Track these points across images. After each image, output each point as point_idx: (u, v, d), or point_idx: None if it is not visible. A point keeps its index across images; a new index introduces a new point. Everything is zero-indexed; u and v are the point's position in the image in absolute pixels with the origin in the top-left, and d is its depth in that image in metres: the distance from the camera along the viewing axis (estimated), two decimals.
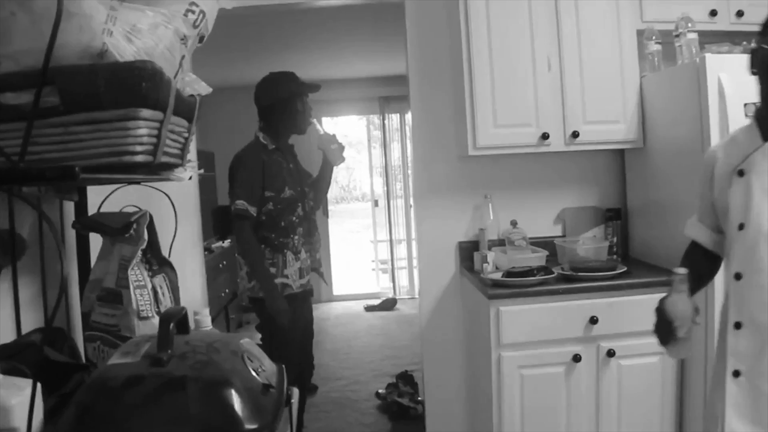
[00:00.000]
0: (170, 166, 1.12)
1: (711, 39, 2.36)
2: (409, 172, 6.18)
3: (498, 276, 2.39)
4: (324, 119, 6.59)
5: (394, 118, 6.68)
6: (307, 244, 2.68)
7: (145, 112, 0.93)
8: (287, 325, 2.48)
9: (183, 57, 1.06)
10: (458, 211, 2.85)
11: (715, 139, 2.07)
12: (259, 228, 2.52)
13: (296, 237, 2.60)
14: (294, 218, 2.59)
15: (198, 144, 2.26)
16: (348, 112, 7.11)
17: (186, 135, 1.13)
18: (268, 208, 2.52)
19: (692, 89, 2.15)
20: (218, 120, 5.42)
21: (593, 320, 2.25)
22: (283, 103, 2.60)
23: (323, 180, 2.87)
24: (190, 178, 1.25)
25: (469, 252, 2.79)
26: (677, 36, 2.37)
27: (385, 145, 6.66)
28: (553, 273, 2.36)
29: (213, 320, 1.19)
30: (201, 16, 1.07)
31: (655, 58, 2.50)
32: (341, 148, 2.77)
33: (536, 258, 2.54)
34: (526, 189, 2.87)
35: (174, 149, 1.08)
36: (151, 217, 1.31)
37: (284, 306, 2.48)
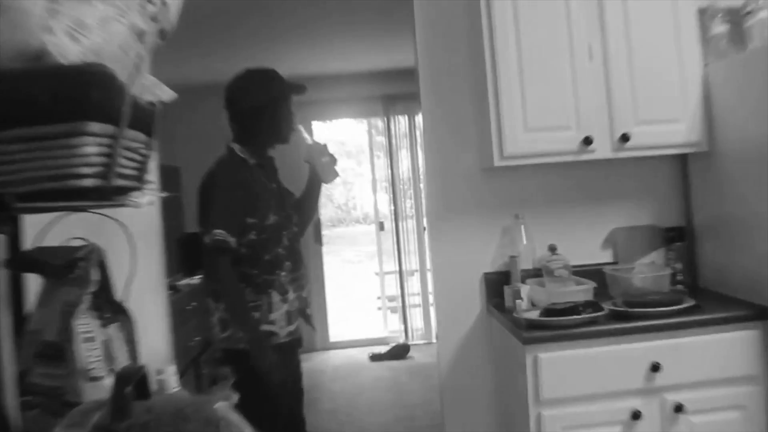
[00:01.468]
0: (126, 190, 1.12)
1: None
2: (422, 186, 6.20)
3: (535, 315, 2.38)
4: (315, 124, 6.62)
5: (401, 121, 6.72)
6: (294, 281, 2.67)
7: (94, 126, 0.93)
8: (278, 382, 2.47)
9: (141, 57, 1.07)
10: (483, 235, 2.85)
11: None
12: (238, 263, 2.52)
13: (283, 273, 2.60)
14: (280, 250, 2.59)
15: (160, 158, 2.27)
16: (345, 115, 7.15)
17: (144, 152, 1.14)
18: (249, 238, 2.52)
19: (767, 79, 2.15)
20: (184, 127, 5.47)
21: (655, 367, 2.24)
22: (264, 107, 2.61)
23: (310, 200, 2.88)
24: (151, 203, 1.25)
25: (497, 285, 2.79)
26: (747, 14, 2.38)
27: (391, 155, 6.69)
28: (603, 309, 2.35)
29: (180, 378, 1.19)
30: (162, 7, 1.08)
31: (720, 42, 2.51)
32: (333, 161, 2.77)
33: (581, 291, 2.53)
34: (566, 206, 2.87)
35: (130, 170, 1.09)
36: (102, 252, 1.32)
37: (274, 360, 2.47)
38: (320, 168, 2.78)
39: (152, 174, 1.35)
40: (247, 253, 2.53)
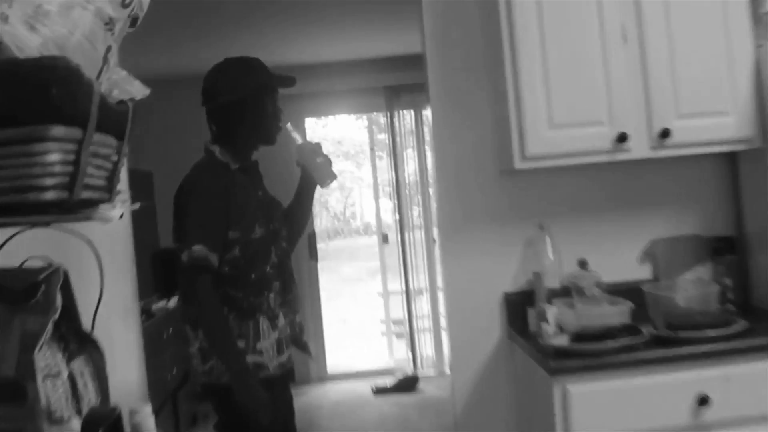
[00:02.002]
0: (93, 202, 1.12)
1: None
2: (431, 192, 6.20)
3: (563, 341, 2.38)
4: (307, 120, 6.63)
5: (406, 117, 6.72)
6: (285, 304, 2.67)
7: (57, 130, 0.93)
8: (268, 421, 2.46)
9: (109, 48, 1.08)
10: (502, 249, 2.85)
11: None
12: (220, 284, 2.51)
13: (271, 295, 2.59)
14: (268, 268, 2.59)
15: (130, 162, 2.27)
16: (342, 110, 7.18)
17: (115, 158, 1.14)
18: (233, 254, 2.52)
19: None
20: (157, 126, 5.47)
21: (703, 401, 2.23)
22: (245, 103, 2.61)
23: (301, 208, 2.87)
24: (122, 216, 1.26)
25: (520, 307, 2.79)
26: None
27: (395, 155, 6.69)
28: (642, 334, 2.35)
29: (157, 417, 1.19)
30: None
31: None
32: (328, 162, 2.77)
33: (617, 313, 2.52)
34: (597, 214, 2.87)
35: (99, 180, 1.09)
36: (66, 273, 1.32)
37: (263, 397, 2.46)
38: (314, 170, 2.75)
39: (123, 182, 1.35)
40: (231, 273, 2.52)
